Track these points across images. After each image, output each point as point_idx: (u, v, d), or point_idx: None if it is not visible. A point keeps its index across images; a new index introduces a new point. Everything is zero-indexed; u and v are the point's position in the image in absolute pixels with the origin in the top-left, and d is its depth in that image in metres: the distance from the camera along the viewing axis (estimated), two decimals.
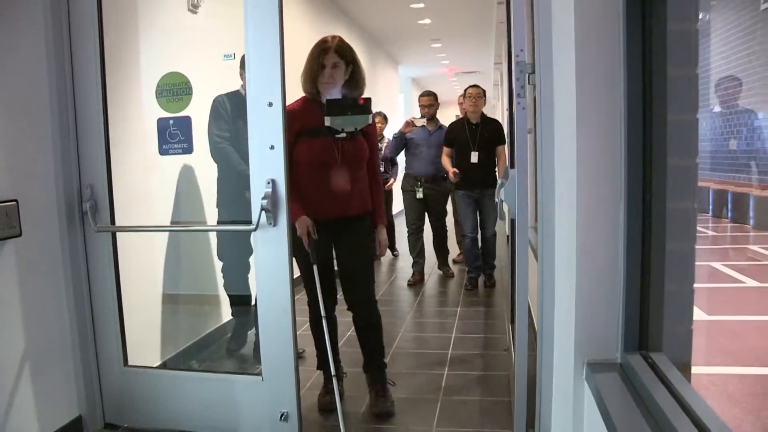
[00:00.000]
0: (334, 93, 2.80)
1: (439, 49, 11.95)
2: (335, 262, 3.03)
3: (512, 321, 3.09)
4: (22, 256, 2.46)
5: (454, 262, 6.76)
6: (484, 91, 5.56)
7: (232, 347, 3.74)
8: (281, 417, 2.63)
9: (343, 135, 2.78)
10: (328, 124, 2.69)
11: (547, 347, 2.26)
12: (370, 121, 2.82)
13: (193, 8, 3.85)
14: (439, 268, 6.20)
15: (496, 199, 3.01)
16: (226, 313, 4.03)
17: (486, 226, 5.50)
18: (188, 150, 2.68)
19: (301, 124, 2.76)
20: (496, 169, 5.40)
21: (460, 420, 2.87)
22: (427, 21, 9.10)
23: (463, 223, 5.57)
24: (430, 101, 5.70)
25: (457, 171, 5.26)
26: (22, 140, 2.49)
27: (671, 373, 1.58)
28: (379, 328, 3.06)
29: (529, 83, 2.35)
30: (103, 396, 2.87)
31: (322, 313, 2.79)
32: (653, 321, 1.70)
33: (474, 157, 5.28)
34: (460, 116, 5.88)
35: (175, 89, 2.66)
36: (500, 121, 5.82)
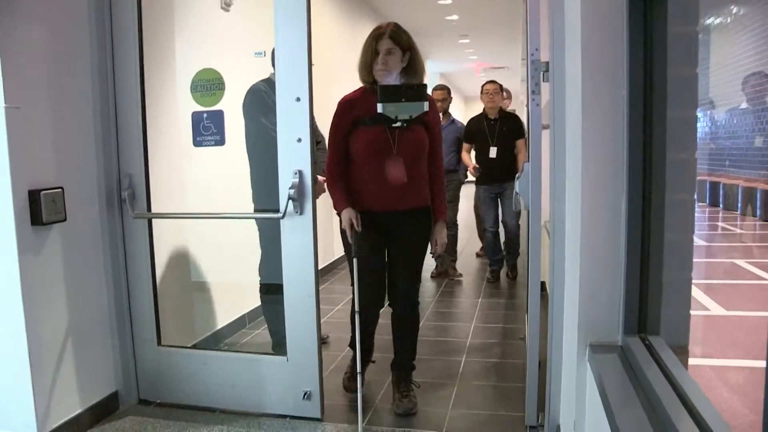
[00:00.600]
0: (391, 80, 2.70)
1: (467, 44, 12.01)
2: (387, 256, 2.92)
3: (527, 312, 3.20)
4: (67, 239, 2.65)
5: (477, 255, 6.88)
6: (501, 87, 5.60)
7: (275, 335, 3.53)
8: (304, 396, 2.79)
9: (400, 124, 2.67)
10: (380, 111, 2.56)
11: (557, 332, 2.38)
12: (426, 108, 2.61)
13: (226, 6, 4.02)
14: (445, 270, 5.90)
15: (515, 192, 3.11)
16: (250, 301, 4.21)
17: (507, 220, 5.54)
18: (221, 142, 2.84)
19: (358, 113, 2.72)
20: (517, 165, 5.35)
21: (475, 403, 2.99)
22: (455, 17, 9.18)
23: (484, 217, 5.64)
24: (443, 95, 5.68)
25: (477, 166, 5.36)
26: (67, 132, 2.67)
27: (666, 355, 1.68)
28: (414, 331, 2.99)
29: (544, 81, 2.47)
30: (138, 373, 3.05)
31: (356, 308, 2.71)
32: (652, 306, 1.80)
33: (492, 152, 5.35)
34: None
35: (208, 84, 2.82)
36: (520, 116, 5.78)
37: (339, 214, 2.79)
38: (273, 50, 2.67)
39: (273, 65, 2.67)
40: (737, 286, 4.34)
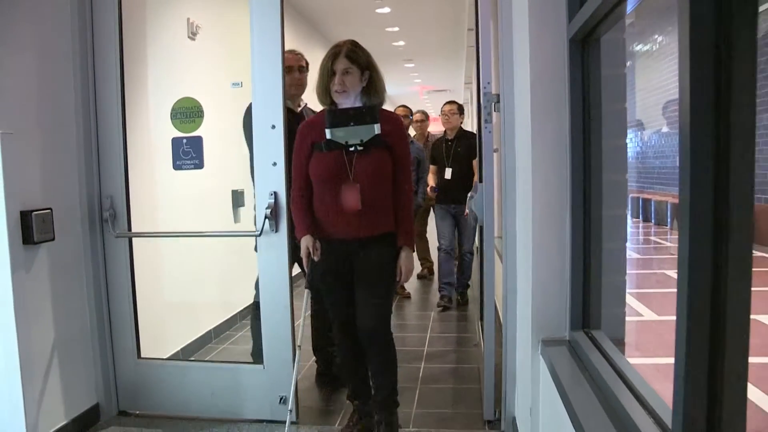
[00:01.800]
0: (349, 102, 2.59)
1: (412, 68, 12.46)
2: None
3: (482, 318, 3.49)
4: (54, 258, 2.80)
5: (418, 277, 6.61)
6: (460, 107, 5.52)
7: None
8: (280, 400, 3.00)
9: (359, 148, 2.53)
10: (328, 137, 2.50)
11: (511, 331, 2.69)
12: (377, 132, 2.51)
13: (192, 36, 4.23)
14: None
15: (467, 210, 3.41)
16: (217, 316, 4.39)
17: (463, 243, 5.41)
18: (199, 166, 3.04)
19: (315, 138, 2.59)
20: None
21: (436, 403, 3.26)
22: (402, 43, 9.58)
23: (439, 236, 5.45)
24: (405, 112, 5.87)
25: (433, 186, 5.33)
26: (54, 156, 2.84)
27: (607, 345, 1.99)
28: (389, 366, 2.75)
29: (495, 110, 2.79)
30: (118, 386, 3.19)
31: (297, 342, 2.74)
32: (593, 305, 2.11)
33: (447, 173, 5.28)
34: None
35: (188, 112, 3.03)
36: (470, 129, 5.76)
37: (298, 241, 2.71)
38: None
39: None
40: (668, 294, 4.78)
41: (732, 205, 1.00)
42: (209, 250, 4.21)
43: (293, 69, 3.23)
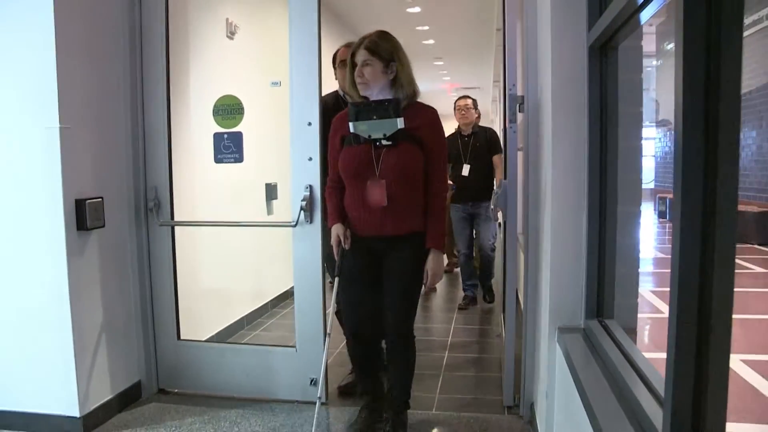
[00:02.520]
0: (373, 94, 2.55)
1: (441, 66, 12.57)
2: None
3: (504, 310, 3.64)
4: (104, 243, 3.02)
5: (444, 271, 6.72)
6: (474, 102, 5.33)
7: None
8: (311, 382, 3.18)
9: (386, 142, 2.49)
10: (351, 130, 2.51)
11: (531, 322, 2.83)
12: (400, 126, 2.46)
13: (231, 35, 4.43)
14: None
15: (491, 207, 3.54)
16: (248, 305, 4.60)
17: (482, 242, 5.26)
18: (239, 159, 3.23)
19: (343, 132, 2.59)
20: (495, 181, 5.14)
21: (459, 390, 3.42)
22: (431, 41, 9.71)
23: (456, 238, 5.38)
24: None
25: (451, 183, 4.99)
26: (105, 149, 3.05)
27: (619, 334, 2.12)
28: (407, 366, 2.76)
29: (519, 111, 2.93)
30: (158, 365, 3.40)
31: (328, 330, 2.76)
32: (607, 295, 2.24)
33: (465, 170, 5.10)
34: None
35: (229, 109, 3.22)
36: (497, 131, 5.65)
37: (329, 229, 2.73)
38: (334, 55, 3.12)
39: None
40: None
41: (719, 196, 1.14)
42: (242, 241, 4.41)
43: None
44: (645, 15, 1.73)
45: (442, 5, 7.50)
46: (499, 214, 3.88)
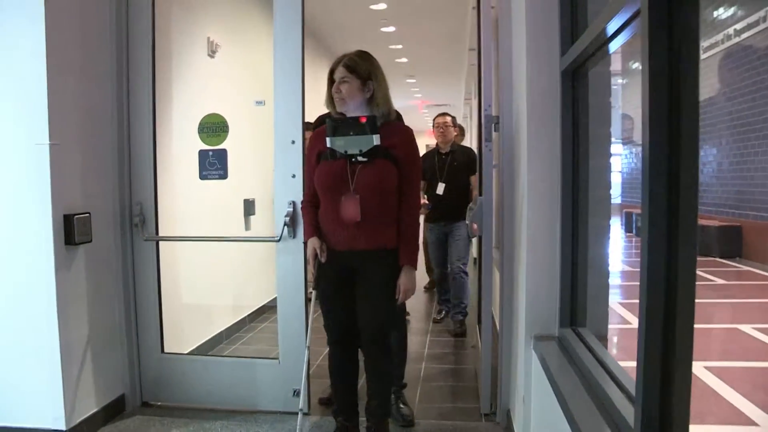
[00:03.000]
0: (350, 112, 2.62)
1: (413, 83, 12.80)
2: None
3: (479, 322, 3.76)
4: (90, 258, 3.07)
5: (425, 289, 6.76)
6: (453, 119, 5.28)
7: None
8: (294, 393, 3.25)
9: (362, 159, 2.55)
10: (328, 145, 2.56)
11: (506, 332, 2.96)
12: (376, 143, 2.52)
13: (212, 54, 4.52)
14: None
15: (466, 221, 3.67)
16: (227, 319, 4.65)
17: (453, 260, 5.06)
18: (224, 176, 3.31)
19: (320, 148, 2.64)
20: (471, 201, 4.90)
21: (437, 399, 3.53)
22: (404, 59, 9.90)
23: (432, 257, 5.35)
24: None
25: (426, 202, 4.94)
26: (92, 165, 3.11)
27: (591, 340, 2.26)
28: (383, 378, 2.77)
29: (495, 131, 3.08)
30: (142, 378, 3.44)
31: (307, 343, 2.82)
32: (580, 305, 2.38)
33: (440, 188, 4.99)
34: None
35: (214, 127, 3.30)
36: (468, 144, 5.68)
37: (305, 243, 2.81)
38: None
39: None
40: None
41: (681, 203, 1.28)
42: (222, 256, 4.48)
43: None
44: (614, 45, 1.89)
45: (415, 25, 7.69)
46: (474, 227, 4.02)
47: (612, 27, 1.69)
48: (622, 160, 13.13)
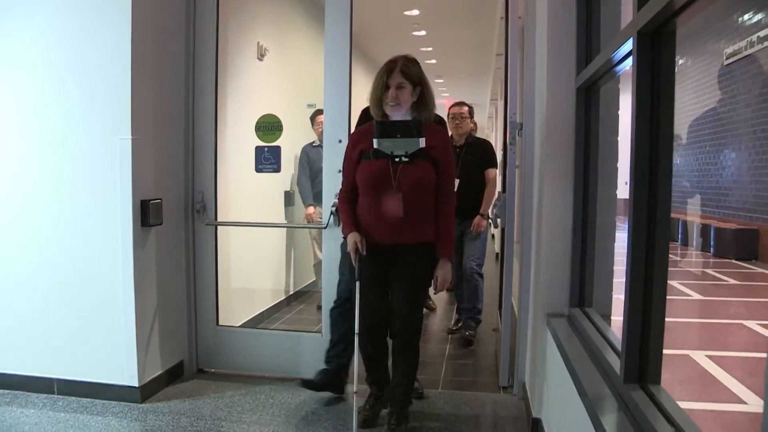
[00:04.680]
0: (401, 115, 2.76)
1: (441, 83, 13.16)
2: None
3: (500, 307, 4.14)
4: (160, 239, 3.52)
5: (447, 289, 6.03)
6: (470, 109, 4.88)
7: None
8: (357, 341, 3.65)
9: (405, 159, 2.70)
10: (375, 146, 2.69)
11: (524, 312, 3.35)
12: (422, 145, 2.68)
13: (261, 57, 4.96)
14: None
15: (491, 214, 4.02)
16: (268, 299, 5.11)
17: (466, 261, 4.69)
18: (277, 170, 3.75)
19: (364, 147, 2.78)
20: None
21: (460, 374, 3.93)
22: (434, 61, 10.27)
23: None
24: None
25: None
26: (162, 157, 3.55)
27: (596, 318, 2.64)
28: (410, 362, 2.93)
29: (518, 135, 3.46)
30: (198, 347, 3.89)
31: (356, 329, 2.83)
32: (587, 288, 2.76)
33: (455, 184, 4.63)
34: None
35: (270, 126, 3.74)
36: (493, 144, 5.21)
37: (345, 238, 2.92)
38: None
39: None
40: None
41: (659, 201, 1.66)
42: (264, 243, 4.94)
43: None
44: (620, 68, 2.27)
45: (445, 30, 8.05)
46: (482, 224, 4.34)
47: (617, 56, 2.08)
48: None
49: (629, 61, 2.05)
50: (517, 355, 3.51)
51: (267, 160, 3.72)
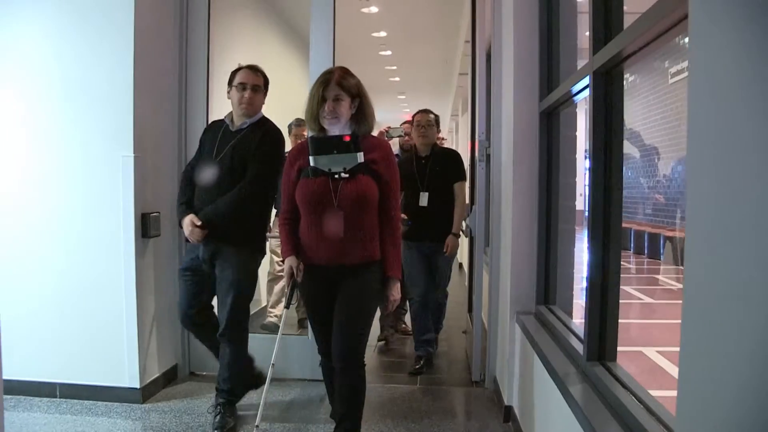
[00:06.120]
0: (339, 129, 2.62)
1: (403, 99, 13.63)
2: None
3: (470, 310, 4.50)
4: (158, 249, 3.77)
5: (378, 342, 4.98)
6: (436, 118, 4.51)
7: None
8: (319, 363, 3.95)
9: (345, 175, 2.55)
10: (312, 164, 2.56)
11: (494, 312, 3.71)
12: (360, 160, 2.55)
13: None
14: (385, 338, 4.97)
15: (464, 225, 4.34)
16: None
17: (439, 284, 4.38)
18: None
19: (302, 164, 2.64)
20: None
21: (435, 372, 4.27)
22: (397, 78, 10.70)
23: (410, 282, 4.28)
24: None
25: (405, 217, 4.10)
26: (160, 173, 3.82)
27: (560, 314, 3.01)
28: (355, 395, 2.71)
29: (486, 152, 3.84)
30: (191, 351, 4.13)
31: (272, 360, 2.88)
32: (551, 288, 3.14)
33: (423, 199, 4.23)
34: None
35: None
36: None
37: (283, 262, 2.79)
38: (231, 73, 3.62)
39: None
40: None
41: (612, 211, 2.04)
42: None
43: (246, 86, 3.28)
44: (577, 98, 2.66)
45: (411, 50, 8.48)
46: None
47: (575, 89, 2.46)
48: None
49: (585, 93, 2.44)
50: (488, 352, 3.86)
51: None
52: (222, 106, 4.67)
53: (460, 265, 8.80)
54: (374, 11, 6.70)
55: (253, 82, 3.29)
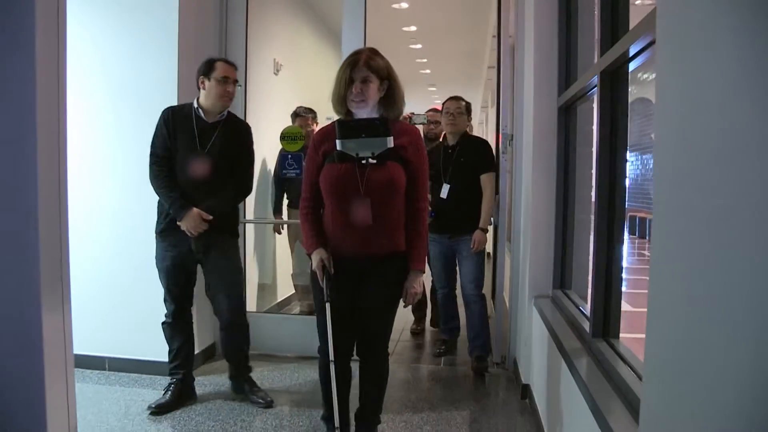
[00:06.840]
0: (366, 113, 2.48)
1: (434, 92, 13.76)
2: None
3: (494, 297, 4.67)
4: None
5: (412, 332, 5.08)
6: (468, 105, 4.25)
7: None
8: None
9: (373, 161, 2.41)
10: (339, 148, 2.41)
11: (514, 296, 3.89)
12: (389, 145, 2.40)
13: (276, 72, 5.48)
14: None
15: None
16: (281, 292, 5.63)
17: (465, 283, 4.09)
18: (300, 174, 4.27)
19: (327, 148, 2.50)
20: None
21: (458, 354, 4.46)
22: (428, 71, 10.86)
23: (434, 274, 4.33)
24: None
25: (428, 208, 3.57)
26: None
27: (575, 297, 3.18)
28: (380, 384, 2.72)
29: (509, 145, 4.01)
30: None
31: (331, 357, 2.45)
32: (567, 274, 3.31)
33: (444, 191, 4.05)
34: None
35: (293, 136, 4.27)
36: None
37: (309, 255, 2.59)
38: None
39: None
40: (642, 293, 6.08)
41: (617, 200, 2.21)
42: (278, 241, 5.46)
43: (229, 81, 3.31)
44: (592, 94, 2.82)
45: (440, 43, 8.64)
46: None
47: (588, 86, 2.63)
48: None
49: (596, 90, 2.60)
50: (509, 335, 4.05)
51: (290, 165, 4.25)
52: (257, 100, 4.94)
53: (488, 254, 8.94)
54: (404, 7, 6.87)
55: (234, 77, 3.36)
